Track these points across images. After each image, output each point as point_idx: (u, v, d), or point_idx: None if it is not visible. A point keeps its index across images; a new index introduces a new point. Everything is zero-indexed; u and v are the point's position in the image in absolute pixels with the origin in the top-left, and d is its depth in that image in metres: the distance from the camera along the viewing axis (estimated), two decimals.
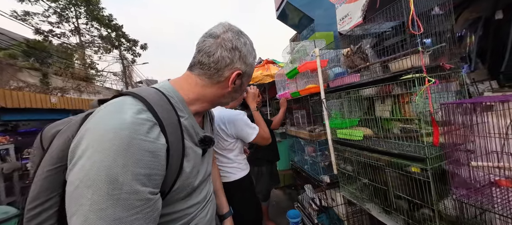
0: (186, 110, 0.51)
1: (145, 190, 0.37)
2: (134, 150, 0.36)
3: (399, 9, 0.85)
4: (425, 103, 0.83)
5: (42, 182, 0.41)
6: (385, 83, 0.95)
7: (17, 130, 4.75)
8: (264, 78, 3.05)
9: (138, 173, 0.36)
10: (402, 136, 0.98)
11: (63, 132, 0.45)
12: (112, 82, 12.39)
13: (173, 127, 0.45)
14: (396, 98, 1.06)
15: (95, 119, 0.39)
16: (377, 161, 1.02)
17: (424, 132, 0.84)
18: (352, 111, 1.28)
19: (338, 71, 1.45)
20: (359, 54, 1.17)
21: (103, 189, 0.33)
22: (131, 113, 0.39)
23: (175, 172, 0.45)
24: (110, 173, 0.33)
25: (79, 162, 0.34)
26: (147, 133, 0.38)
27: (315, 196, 1.90)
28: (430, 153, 0.82)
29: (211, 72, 0.52)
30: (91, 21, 11.50)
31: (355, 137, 1.17)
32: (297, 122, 2.04)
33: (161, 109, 0.44)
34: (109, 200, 0.33)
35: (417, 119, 0.92)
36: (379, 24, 1.04)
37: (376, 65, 1.06)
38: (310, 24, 3.13)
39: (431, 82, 0.77)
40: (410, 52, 0.82)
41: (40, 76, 7.16)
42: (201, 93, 0.54)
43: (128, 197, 0.34)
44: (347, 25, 2.53)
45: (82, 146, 0.35)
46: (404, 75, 0.83)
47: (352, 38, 1.25)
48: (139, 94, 0.43)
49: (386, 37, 1.11)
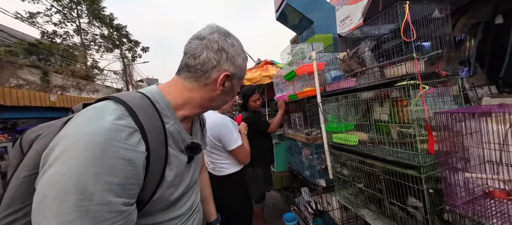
0: (172, 116, 0.49)
1: (118, 201, 0.35)
2: (108, 158, 0.34)
3: (395, 15, 0.84)
4: (420, 110, 0.82)
5: (16, 189, 0.39)
6: (380, 88, 0.93)
7: (16, 128, 4.77)
8: (263, 79, 3.04)
9: (111, 183, 0.34)
10: (397, 142, 0.97)
11: (42, 137, 0.43)
12: (112, 81, 12.41)
13: (155, 133, 0.43)
14: (394, 101, 1.04)
15: (72, 125, 0.37)
16: (371, 167, 1.01)
17: (418, 139, 0.83)
18: (348, 115, 1.27)
19: (335, 74, 1.43)
20: (355, 58, 1.15)
21: (71, 200, 0.31)
22: (111, 118, 0.37)
23: (156, 180, 0.43)
24: (79, 183, 0.32)
25: (49, 170, 0.33)
26: (125, 140, 0.37)
27: (311, 200, 1.89)
28: (425, 160, 0.81)
29: (198, 74, 0.50)
30: (93, 20, 11.53)
31: (350, 142, 1.16)
32: (294, 125, 2.03)
33: (143, 114, 0.42)
34: (77, 211, 0.31)
35: (412, 126, 0.91)
36: (378, 27, 1.03)
37: (373, 70, 1.05)
38: (310, 26, 3.11)
39: (425, 89, 0.76)
40: (405, 59, 0.81)
41: (40, 74, 7.18)
42: (189, 97, 0.52)
43: (98, 209, 0.32)
44: (347, 27, 2.52)
45: (55, 152, 0.34)
46: (399, 81, 0.82)
47: (351, 40, 1.24)
48: (121, 99, 0.42)
49: (385, 41, 1.10)
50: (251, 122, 2.03)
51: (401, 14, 0.79)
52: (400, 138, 1.00)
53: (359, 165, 1.08)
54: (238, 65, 0.54)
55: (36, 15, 9.50)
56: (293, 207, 2.22)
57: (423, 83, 0.77)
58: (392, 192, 0.93)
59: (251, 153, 1.99)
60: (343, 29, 2.52)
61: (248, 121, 2.06)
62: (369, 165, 1.03)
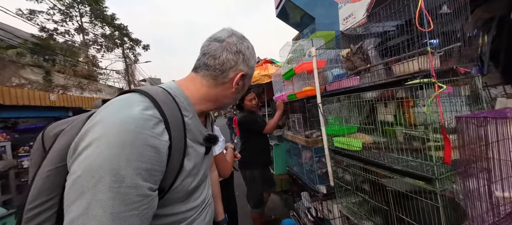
0: (191, 109, 0.53)
1: (145, 185, 0.37)
2: (138, 144, 0.36)
3: (405, 3, 0.73)
4: (434, 112, 0.71)
5: (43, 181, 0.41)
6: (387, 88, 0.82)
7: (17, 127, 4.76)
8: (262, 78, 2.94)
9: (140, 168, 0.36)
10: (406, 149, 0.86)
11: (66, 131, 0.46)
12: (114, 80, 12.45)
13: (177, 125, 0.46)
14: (400, 102, 0.93)
15: (103, 113, 0.39)
16: (377, 176, 0.90)
17: (432, 144, 0.72)
18: (351, 116, 1.16)
19: (337, 72, 1.33)
20: (359, 54, 1.04)
21: (105, 180, 0.33)
22: (139, 109, 0.40)
23: (176, 170, 0.46)
24: (113, 165, 0.34)
25: (84, 153, 0.35)
26: (152, 129, 0.39)
27: (311, 206, 1.78)
28: (440, 172, 0.70)
29: (216, 73, 0.55)
30: (95, 20, 11.59)
31: (353, 147, 1.05)
32: (293, 126, 1.93)
33: (167, 107, 0.45)
34: (110, 191, 0.33)
35: (424, 130, 0.79)
36: (383, 23, 0.92)
37: (378, 67, 0.94)
38: (311, 23, 3.00)
39: (442, 89, 0.65)
40: (417, 53, 0.70)
41: (43, 73, 7.20)
42: (206, 93, 0.56)
43: (128, 192, 0.35)
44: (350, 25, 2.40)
45: (88, 138, 0.36)
46: (409, 79, 0.71)
47: (354, 37, 1.13)
48: (147, 92, 0.45)
49: (390, 37, 0.99)
50: (246, 122, 1.94)
51: (414, 2, 0.68)
52: (407, 142, 0.89)
53: (363, 173, 0.97)
54: (251, 66, 0.60)
55: (37, 13, 9.57)
56: (293, 213, 2.12)
57: (438, 82, 0.66)
58: (401, 205, 0.82)
59: (247, 154, 1.91)
60: (346, 27, 2.41)
61: (243, 120, 1.97)
62: (375, 174, 0.92)
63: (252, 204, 1.98)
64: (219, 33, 0.57)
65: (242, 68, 0.57)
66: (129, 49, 13.52)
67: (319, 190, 1.47)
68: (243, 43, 0.57)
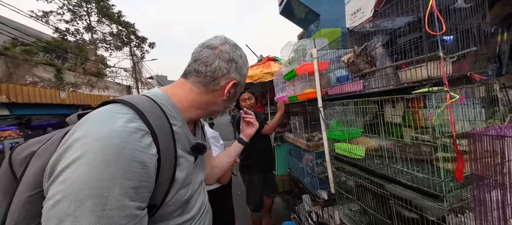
0: (179, 118, 0.51)
1: (132, 205, 0.35)
2: (123, 161, 0.34)
3: (416, 3, 0.66)
4: (444, 122, 0.64)
5: (20, 211, 0.38)
6: (392, 95, 0.76)
7: (30, 124, 4.97)
8: (264, 76, 2.88)
9: (126, 186, 0.34)
10: (412, 159, 0.80)
11: (40, 153, 0.42)
12: (122, 78, 12.72)
13: (165, 135, 0.44)
14: (408, 102, 0.86)
15: (82, 129, 0.36)
16: (379, 187, 0.85)
17: (440, 155, 0.66)
18: (354, 120, 1.10)
19: (341, 74, 1.26)
20: (363, 56, 0.98)
21: (87, 204, 0.31)
22: (122, 121, 0.38)
23: (167, 182, 0.44)
24: (95, 187, 0.32)
25: (62, 175, 0.32)
26: (138, 142, 0.37)
27: (312, 210, 1.75)
28: (449, 188, 0.64)
29: (207, 80, 0.54)
30: (102, 18, 11.82)
31: (355, 155, 0.99)
32: (294, 128, 1.88)
33: (153, 117, 0.43)
34: (92, 216, 0.31)
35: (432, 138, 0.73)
36: (393, 19, 0.84)
37: (385, 71, 0.87)
38: (316, 20, 2.89)
39: (454, 99, 0.59)
40: (427, 58, 0.63)
41: (54, 72, 7.45)
42: (195, 100, 0.55)
43: (113, 214, 0.32)
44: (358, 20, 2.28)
45: (66, 157, 0.34)
46: (417, 87, 0.65)
47: (361, 35, 1.04)
48: (130, 101, 0.42)
49: (400, 35, 0.91)
50: None
51: (424, 1, 0.61)
52: (415, 147, 0.82)
53: (366, 184, 0.92)
54: (243, 74, 0.59)
55: (49, 13, 9.88)
56: (294, 215, 2.09)
57: (451, 91, 0.60)
58: (404, 221, 0.77)
59: (246, 157, 1.85)
60: (353, 23, 2.28)
61: (240, 121, 1.90)
62: (377, 185, 0.86)
63: (251, 208, 1.93)
64: (211, 40, 0.56)
65: (234, 76, 0.56)
66: (136, 46, 13.74)
67: (320, 195, 1.43)
68: (236, 51, 0.57)
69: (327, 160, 1.20)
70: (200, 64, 0.53)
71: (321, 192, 1.44)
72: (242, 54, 0.59)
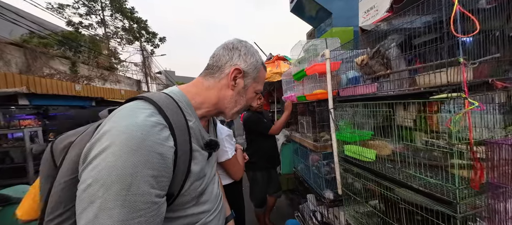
0: (193, 114, 0.53)
1: (152, 192, 0.38)
2: (144, 151, 0.37)
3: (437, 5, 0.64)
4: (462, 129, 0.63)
5: (59, 194, 0.43)
6: (409, 100, 0.75)
7: (48, 114, 5.21)
8: (273, 76, 2.86)
9: (147, 175, 0.37)
10: (425, 164, 0.79)
11: (76, 143, 0.47)
12: (132, 73, 13.05)
13: (181, 130, 0.46)
14: (421, 106, 0.84)
15: (110, 123, 0.40)
16: (390, 191, 0.84)
17: (456, 163, 0.65)
18: (366, 123, 1.09)
19: (353, 75, 1.24)
20: (378, 58, 0.96)
21: (113, 188, 0.34)
22: (143, 116, 0.41)
23: (183, 174, 0.46)
24: (120, 174, 0.35)
25: (93, 162, 0.36)
26: (157, 135, 0.40)
27: (317, 210, 1.75)
28: (462, 195, 0.63)
29: (214, 70, 0.57)
30: (115, 13, 12.12)
31: (365, 157, 0.99)
32: (301, 128, 1.87)
33: (170, 112, 0.46)
34: (117, 200, 0.34)
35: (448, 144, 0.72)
36: (411, 21, 0.81)
37: (400, 75, 0.85)
38: (328, 18, 2.83)
39: (473, 106, 0.57)
40: (447, 63, 0.62)
41: (69, 64, 7.75)
42: (206, 95, 0.57)
43: (135, 199, 0.35)
44: (372, 18, 2.21)
45: (97, 147, 0.37)
46: (435, 93, 0.64)
47: (376, 35, 1.01)
48: (151, 98, 0.46)
49: (415, 36, 0.87)
50: (251, 122, 1.88)
51: (447, 3, 0.60)
52: (427, 151, 0.81)
53: (376, 187, 0.92)
54: (250, 62, 0.59)
55: (66, 7, 10.22)
56: (297, 214, 2.11)
57: (470, 99, 0.59)
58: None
59: (252, 155, 1.88)
60: (366, 21, 2.22)
61: (247, 120, 1.91)
62: (387, 188, 0.86)
63: (254, 204, 1.98)
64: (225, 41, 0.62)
65: (238, 63, 0.57)
66: (146, 41, 14.01)
67: (325, 196, 1.43)
68: (241, 42, 0.60)
69: (335, 162, 1.20)
70: (210, 59, 0.59)
71: (327, 192, 1.45)
72: (248, 45, 0.61)
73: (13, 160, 3.61)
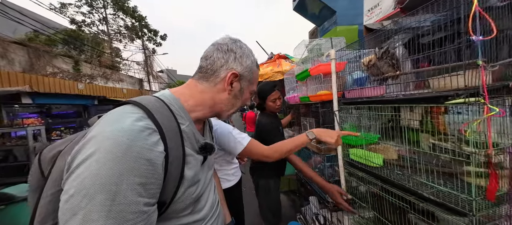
0: (186, 117, 0.51)
1: (140, 201, 0.36)
2: (131, 158, 0.35)
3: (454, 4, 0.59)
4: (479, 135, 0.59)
5: (47, 206, 0.41)
6: (422, 104, 0.71)
7: (51, 113, 5.24)
8: (275, 75, 2.83)
9: (134, 182, 0.35)
10: (437, 171, 0.75)
11: (65, 152, 0.45)
12: (134, 71, 13.09)
13: (173, 134, 0.44)
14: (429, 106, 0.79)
15: (96, 129, 0.39)
16: (398, 200, 0.81)
17: (473, 171, 0.61)
18: (372, 125, 1.05)
19: (358, 76, 1.20)
20: (386, 59, 0.92)
21: (98, 198, 0.32)
22: (130, 120, 0.39)
23: (176, 180, 0.44)
24: (104, 183, 0.33)
25: (77, 171, 0.34)
26: (145, 140, 0.38)
27: (320, 213, 1.72)
28: (478, 206, 0.59)
29: (208, 74, 0.55)
30: (117, 11, 12.15)
31: (371, 162, 0.95)
32: (305, 129, 1.84)
33: (160, 116, 0.44)
34: (102, 210, 0.33)
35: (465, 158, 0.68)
36: (419, 17, 0.76)
37: (412, 76, 0.81)
38: (331, 17, 2.78)
39: (493, 112, 0.53)
40: (465, 66, 0.58)
41: (72, 63, 7.79)
42: (201, 98, 0.55)
43: (121, 209, 0.34)
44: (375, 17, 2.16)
45: (81, 155, 0.36)
46: (451, 97, 0.60)
47: (383, 34, 0.96)
48: (139, 102, 0.44)
49: (426, 34, 0.83)
50: (266, 132, 1.55)
51: (466, 2, 0.55)
52: (434, 155, 0.77)
53: (383, 194, 0.88)
54: (246, 65, 0.57)
55: (68, 6, 10.28)
56: (299, 216, 2.08)
57: (489, 104, 0.54)
58: None
59: (259, 162, 1.57)
60: (370, 19, 2.16)
61: (260, 124, 1.62)
62: (395, 196, 0.82)
63: (271, 216, 1.59)
64: (217, 40, 0.58)
65: (234, 66, 0.55)
66: (148, 40, 14.04)
67: (328, 199, 1.40)
68: (235, 43, 0.57)
69: (340, 166, 1.17)
70: (202, 60, 0.56)
71: None
72: (242, 46, 0.58)
73: (16, 158, 3.65)
